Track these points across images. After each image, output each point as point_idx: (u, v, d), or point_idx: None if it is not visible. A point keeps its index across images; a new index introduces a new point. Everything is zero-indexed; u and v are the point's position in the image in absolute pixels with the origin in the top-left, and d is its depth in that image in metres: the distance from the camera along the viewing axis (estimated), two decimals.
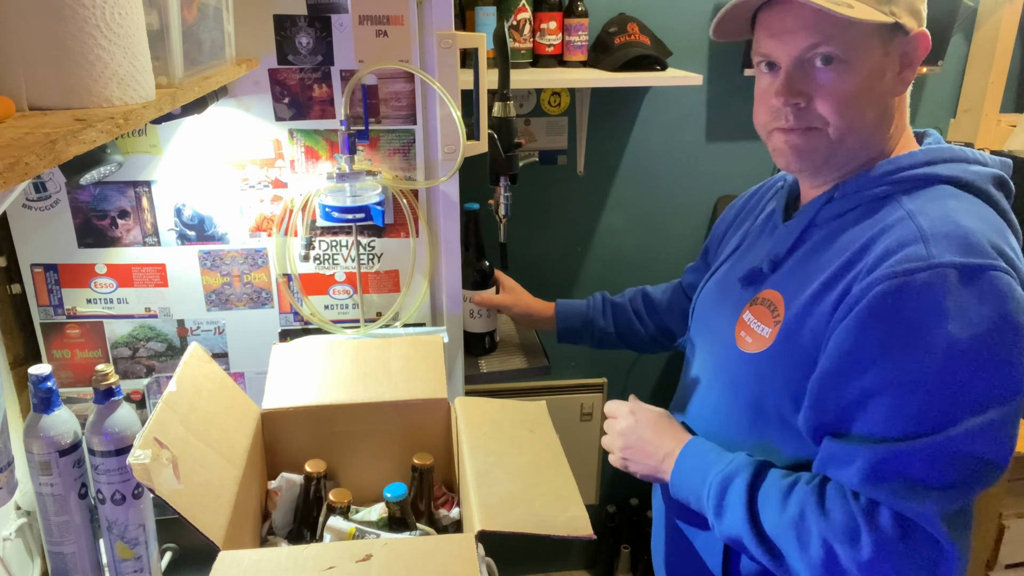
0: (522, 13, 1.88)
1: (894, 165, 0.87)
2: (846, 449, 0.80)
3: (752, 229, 1.08)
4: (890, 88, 0.87)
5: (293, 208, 1.36)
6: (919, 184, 0.85)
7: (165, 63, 0.84)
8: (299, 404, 1.17)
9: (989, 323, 0.74)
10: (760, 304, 0.94)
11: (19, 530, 1.12)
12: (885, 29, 0.84)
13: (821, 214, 0.91)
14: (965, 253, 0.76)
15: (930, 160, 0.87)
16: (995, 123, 2.34)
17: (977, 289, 0.74)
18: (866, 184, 0.88)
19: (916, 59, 0.87)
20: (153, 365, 1.41)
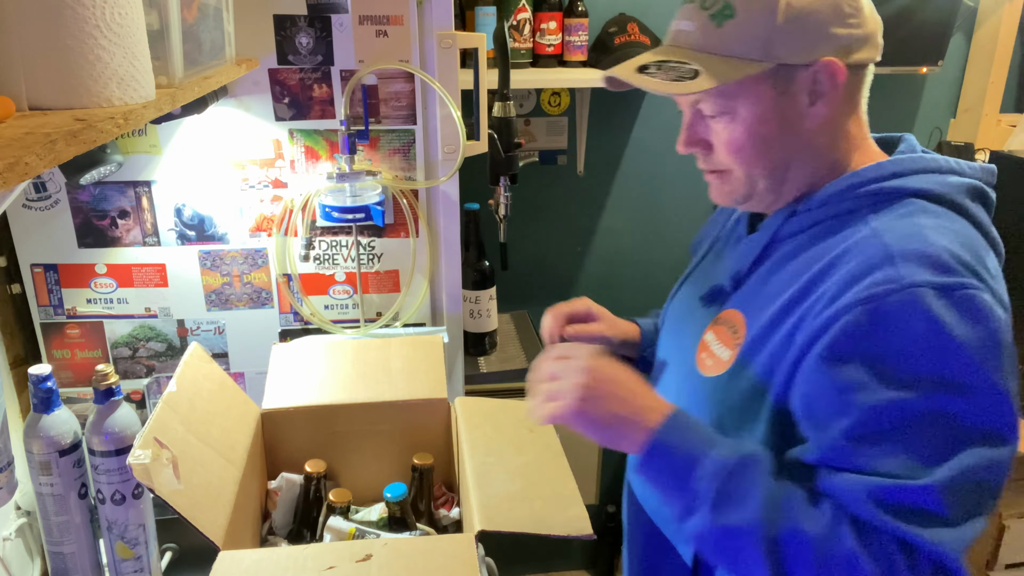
0: (522, 13, 1.88)
1: (859, 179, 0.81)
2: (845, 485, 0.73)
3: (721, 235, 1.02)
4: (800, 124, 0.81)
5: (293, 208, 1.36)
6: (887, 199, 0.80)
7: (165, 63, 0.84)
8: (299, 404, 1.17)
9: (977, 343, 0.69)
10: (722, 324, 0.88)
11: (19, 530, 1.12)
12: (770, 71, 0.78)
13: (784, 228, 0.85)
14: (938, 272, 0.71)
15: (898, 172, 0.81)
16: (995, 123, 2.34)
17: (957, 309, 0.69)
18: (830, 199, 0.82)
19: (829, 89, 0.79)
20: (153, 365, 1.41)
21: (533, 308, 2.10)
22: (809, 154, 0.83)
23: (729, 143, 0.82)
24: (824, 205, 0.82)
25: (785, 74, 0.79)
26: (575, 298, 1.10)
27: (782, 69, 0.78)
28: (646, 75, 0.82)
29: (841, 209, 0.81)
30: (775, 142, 0.81)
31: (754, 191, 0.85)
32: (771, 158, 0.82)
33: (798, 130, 0.81)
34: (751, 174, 0.84)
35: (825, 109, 0.80)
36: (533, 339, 1.87)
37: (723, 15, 0.79)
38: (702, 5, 0.80)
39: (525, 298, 2.13)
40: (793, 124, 0.81)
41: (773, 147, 0.82)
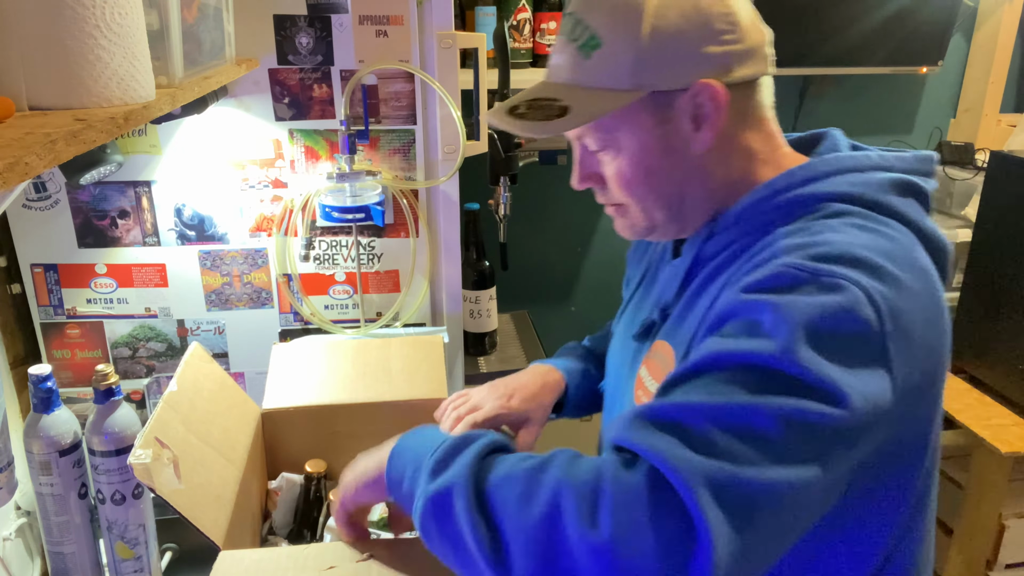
0: (522, 13, 1.88)
1: (769, 190, 0.76)
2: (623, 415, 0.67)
3: (652, 262, 0.97)
4: (688, 150, 0.76)
5: (293, 208, 1.36)
6: (801, 207, 0.74)
7: (165, 63, 0.84)
8: (299, 404, 1.17)
9: (818, 317, 0.61)
10: (653, 358, 0.83)
11: (19, 530, 1.12)
12: (647, 100, 0.73)
13: (704, 251, 0.80)
14: (819, 261, 0.65)
15: (811, 177, 0.75)
16: (995, 123, 2.34)
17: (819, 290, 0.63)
18: (742, 215, 0.77)
19: (712, 112, 0.73)
20: (153, 365, 1.41)
21: (533, 308, 2.10)
22: (703, 180, 0.78)
23: (617, 177, 0.78)
24: (737, 223, 0.77)
25: (662, 101, 0.74)
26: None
27: (658, 96, 0.74)
28: (515, 117, 0.77)
29: (755, 224, 0.76)
30: (663, 172, 0.77)
31: (654, 223, 0.81)
32: (661, 189, 0.78)
33: (686, 157, 0.77)
34: (646, 207, 0.80)
35: (711, 133, 0.75)
36: (533, 339, 1.87)
37: (590, 45, 0.74)
38: (570, 37, 0.77)
39: (525, 298, 2.13)
40: (679, 152, 0.76)
41: (661, 178, 0.77)
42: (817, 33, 2.12)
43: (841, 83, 2.32)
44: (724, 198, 0.79)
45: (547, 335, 1.94)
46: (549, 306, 2.34)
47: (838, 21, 2.11)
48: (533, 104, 0.77)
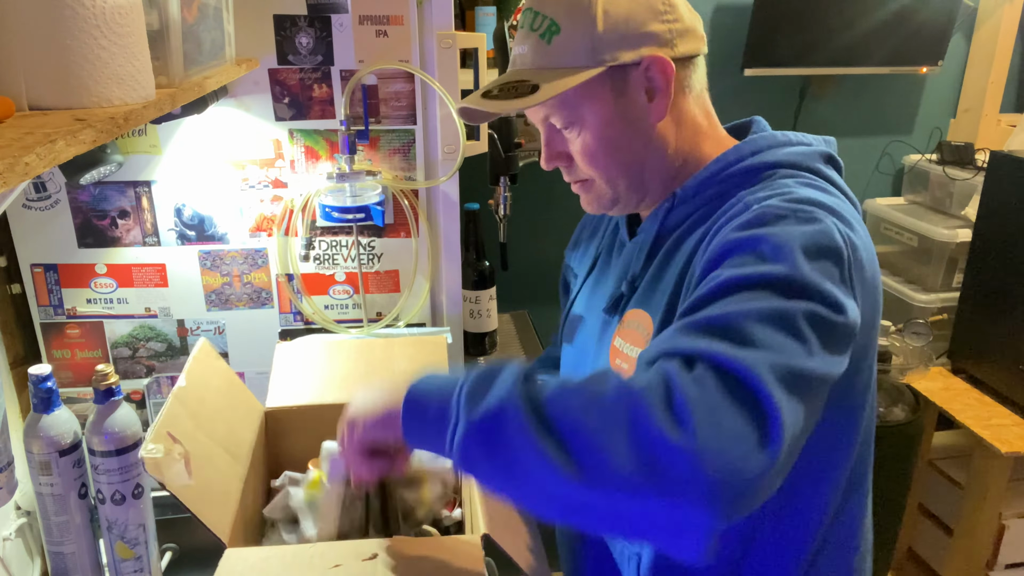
0: None
1: (723, 163, 0.86)
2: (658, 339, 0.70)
3: (602, 246, 1.03)
4: (644, 121, 0.85)
5: (293, 208, 1.36)
6: (754, 174, 0.84)
7: (165, 63, 0.84)
8: (303, 403, 1.17)
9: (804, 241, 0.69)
10: (628, 327, 0.89)
11: (19, 530, 1.12)
12: (608, 75, 0.82)
13: (666, 224, 0.88)
14: (793, 203, 0.74)
15: (757, 150, 0.86)
16: (995, 123, 2.34)
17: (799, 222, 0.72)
18: (701, 186, 0.86)
19: (662, 84, 0.83)
20: (153, 365, 1.41)
21: (533, 308, 2.10)
22: (660, 149, 0.87)
23: (583, 151, 0.86)
24: (697, 194, 0.86)
25: (619, 76, 0.83)
26: None
27: (615, 71, 0.82)
28: (490, 99, 0.85)
29: (715, 193, 0.85)
30: (625, 142, 0.85)
31: (618, 194, 0.89)
32: (625, 159, 0.86)
33: (644, 127, 0.85)
34: (610, 178, 0.87)
35: (664, 101, 0.84)
36: (533, 339, 1.87)
37: (550, 32, 0.83)
38: (531, 27, 0.85)
39: (525, 298, 2.13)
40: (638, 122, 0.85)
41: (624, 147, 0.86)
42: (817, 33, 2.12)
43: (841, 83, 2.32)
44: (678, 169, 0.88)
45: (547, 335, 1.94)
46: (549, 306, 2.33)
47: (838, 21, 2.11)
48: (505, 87, 0.84)
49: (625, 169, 0.87)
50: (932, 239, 2.11)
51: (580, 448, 0.61)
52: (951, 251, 2.09)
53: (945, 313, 2.08)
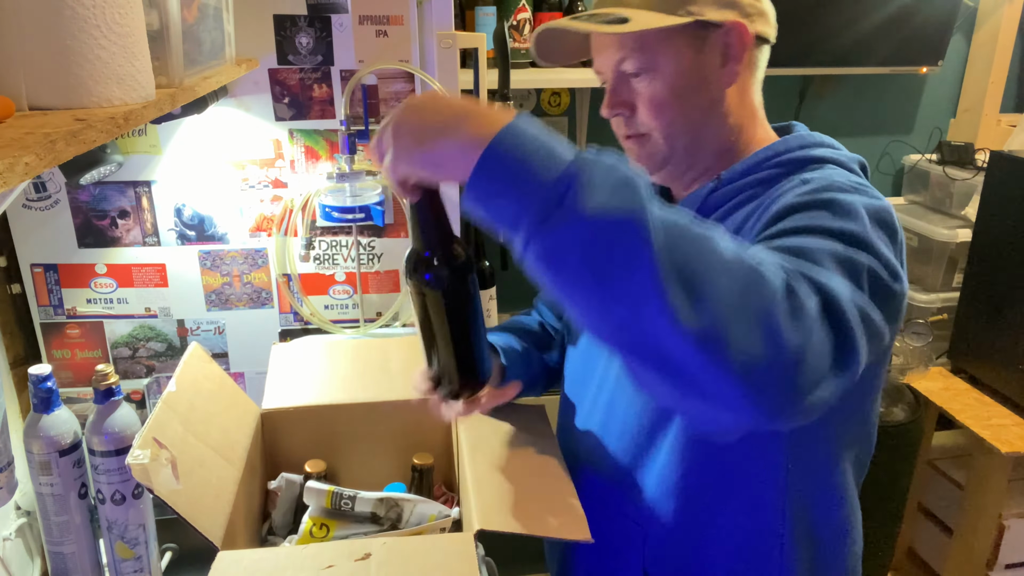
0: (522, 13, 1.88)
1: (773, 151, 0.88)
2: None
3: None
4: (715, 83, 0.87)
5: (293, 208, 1.36)
6: (803, 163, 0.86)
7: (165, 63, 0.84)
8: (299, 404, 1.17)
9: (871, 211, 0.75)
10: None
11: (19, 530, 1.12)
12: (691, 29, 0.84)
13: (708, 203, 0.89)
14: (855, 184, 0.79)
15: (804, 145, 0.88)
16: (995, 123, 2.34)
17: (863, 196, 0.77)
18: (751, 169, 0.87)
19: (739, 51, 0.85)
20: (153, 365, 1.41)
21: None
22: (722, 116, 0.88)
23: (652, 99, 0.86)
24: (746, 175, 0.87)
25: (701, 32, 0.85)
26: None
27: (698, 27, 0.84)
28: (577, 21, 0.85)
29: (762, 178, 0.86)
30: (693, 98, 0.86)
31: (673, 152, 0.89)
32: (689, 115, 0.87)
33: (713, 88, 0.87)
34: (671, 133, 0.87)
35: (736, 69, 0.86)
36: None
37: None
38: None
39: (525, 298, 2.12)
40: (709, 82, 0.86)
41: (691, 103, 0.87)
42: (817, 33, 2.12)
43: (841, 83, 2.32)
44: (731, 144, 0.90)
45: None
46: None
47: (838, 21, 2.11)
48: (594, 16, 0.85)
49: (687, 126, 0.88)
50: (932, 239, 2.11)
51: (706, 304, 0.55)
52: (951, 251, 2.09)
53: (945, 313, 2.08)
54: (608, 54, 0.88)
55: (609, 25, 0.82)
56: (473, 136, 0.60)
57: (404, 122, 0.65)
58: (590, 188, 0.56)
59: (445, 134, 0.62)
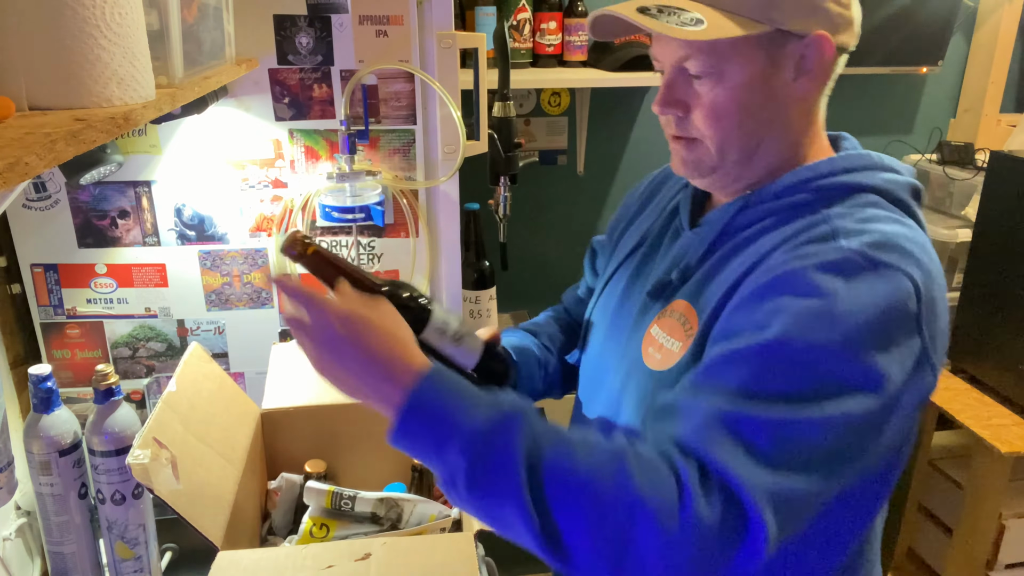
0: (522, 13, 1.88)
1: (813, 172, 0.81)
2: (690, 403, 0.70)
3: (653, 228, 0.98)
4: (782, 98, 0.80)
5: (293, 208, 1.36)
6: (840, 193, 0.80)
7: (165, 63, 0.84)
8: (299, 404, 1.17)
9: (876, 311, 0.69)
10: (670, 317, 0.85)
11: (19, 530, 1.12)
12: (768, 36, 0.77)
13: (735, 222, 0.84)
14: (878, 249, 0.72)
15: (849, 167, 0.82)
16: (995, 123, 2.34)
17: (878, 280, 0.71)
18: (784, 191, 0.82)
19: (816, 65, 0.79)
20: (153, 365, 1.41)
21: (533, 308, 2.10)
22: (782, 131, 0.82)
23: (712, 106, 0.80)
24: (778, 197, 0.82)
25: (778, 41, 0.78)
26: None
27: (776, 36, 0.77)
28: (647, 16, 0.78)
29: (795, 201, 0.81)
30: (756, 112, 0.80)
31: (723, 163, 0.83)
32: (747, 130, 0.81)
33: (778, 103, 0.80)
34: (725, 144, 0.81)
35: (808, 85, 0.80)
36: None
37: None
38: None
39: (525, 298, 2.13)
40: (776, 96, 0.80)
41: (752, 117, 0.80)
42: None
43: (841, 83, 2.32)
44: (785, 160, 0.84)
45: None
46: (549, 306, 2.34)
47: None
48: (664, 9, 0.78)
49: (744, 139, 0.81)
50: (932, 239, 2.11)
51: (569, 532, 0.65)
52: (951, 251, 2.09)
53: None
54: (671, 47, 0.81)
55: (683, 28, 0.75)
56: (393, 402, 0.71)
57: (337, 347, 0.72)
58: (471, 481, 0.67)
59: (375, 389, 0.73)
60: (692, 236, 0.88)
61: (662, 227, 0.96)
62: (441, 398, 0.70)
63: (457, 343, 0.82)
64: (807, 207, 0.80)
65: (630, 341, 0.90)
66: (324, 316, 0.71)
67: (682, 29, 0.75)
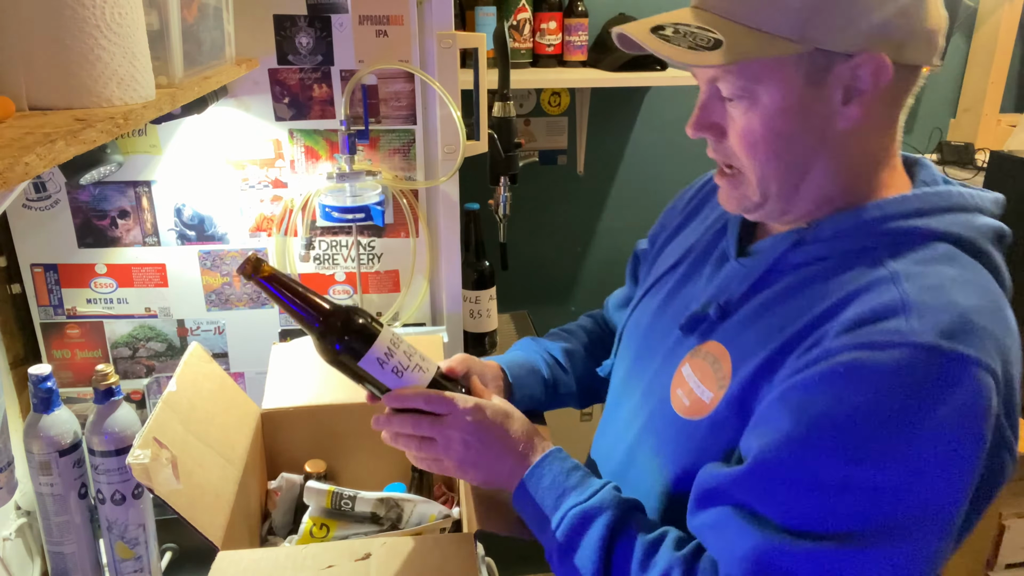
0: (522, 13, 1.88)
1: (881, 212, 0.71)
2: (738, 525, 0.66)
3: (697, 245, 0.89)
4: (829, 125, 0.70)
5: (293, 208, 1.36)
6: (909, 240, 0.70)
7: (165, 63, 0.84)
8: (299, 404, 1.17)
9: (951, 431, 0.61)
10: (702, 358, 0.77)
11: (19, 530, 1.12)
12: (804, 57, 0.67)
13: (786, 258, 0.74)
14: (952, 337, 0.62)
15: (924, 209, 0.71)
16: (995, 123, 2.34)
17: (950, 387, 0.61)
18: (845, 231, 0.72)
19: (867, 88, 0.67)
20: (153, 365, 1.41)
21: (533, 308, 2.10)
22: (831, 163, 0.72)
23: (743, 133, 0.71)
24: (836, 238, 0.72)
25: (821, 62, 0.67)
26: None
27: (817, 56, 0.67)
28: (659, 37, 0.70)
29: (856, 245, 0.71)
30: (793, 141, 0.70)
31: (766, 199, 0.74)
32: (787, 160, 0.71)
33: (823, 132, 0.70)
34: (764, 176, 0.72)
35: (859, 112, 0.69)
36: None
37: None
38: None
39: (525, 298, 2.13)
40: (819, 124, 0.70)
41: (791, 147, 0.71)
42: None
43: None
44: (839, 192, 0.73)
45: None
46: (549, 306, 2.34)
47: None
48: (680, 29, 0.70)
49: (784, 170, 0.72)
50: None
51: None
52: None
53: None
54: (703, 66, 0.71)
55: (696, 51, 0.67)
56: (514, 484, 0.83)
57: (469, 463, 0.82)
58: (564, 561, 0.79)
59: (501, 482, 0.85)
60: (737, 267, 0.80)
61: (706, 246, 0.88)
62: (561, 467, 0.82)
63: (398, 375, 0.82)
64: (869, 255, 0.70)
65: (658, 376, 0.84)
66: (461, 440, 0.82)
67: (693, 53, 0.67)
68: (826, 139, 0.71)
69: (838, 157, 0.72)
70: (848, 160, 0.72)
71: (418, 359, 0.84)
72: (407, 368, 0.82)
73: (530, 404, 1.03)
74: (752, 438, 0.69)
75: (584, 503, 0.77)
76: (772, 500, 0.65)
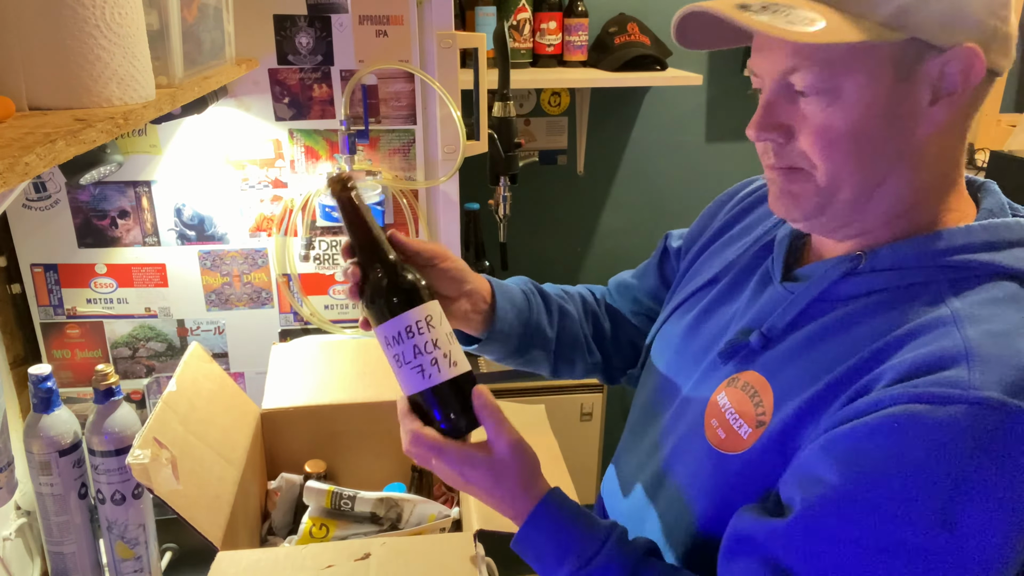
0: (522, 13, 1.88)
1: (945, 244, 0.65)
2: None
3: (739, 262, 0.83)
4: (913, 127, 0.64)
5: (293, 208, 1.36)
6: (972, 275, 0.64)
7: (165, 63, 0.84)
8: (299, 404, 1.17)
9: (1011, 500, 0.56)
10: (741, 389, 0.72)
11: (19, 530, 1.12)
12: (899, 47, 0.61)
13: (837, 289, 0.69)
14: (1019, 394, 0.56)
15: (992, 242, 0.65)
16: (995, 123, 2.34)
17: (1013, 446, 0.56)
18: (905, 260, 0.66)
19: (960, 87, 0.62)
20: (153, 365, 1.41)
21: None
22: (910, 171, 0.66)
23: (821, 131, 0.65)
24: (894, 270, 0.67)
25: (912, 56, 0.62)
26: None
27: (910, 48, 0.62)
28: (748, 14, 0.63)
29: (914, 278, 0.66)
30: (879, 142, 0.64)
31: (831, 203, 0.67)
32: (868, 164, 0.65)
33: (907, 137, 0.65)
34: (837, 178, 0.66)
35: (945, 114, 0.64)
36: None
37: None
38: None
39: None
40: (903, 127, 0.64)
41: (874, 149, 0.65)
42: None
43: None
44: (907, 208, 0.68)
45: None
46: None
47: None
48: (769, 6, 0.63)
49: (861, 176, 0.66)
50: None
51: None
52: None
53: None
54: (775, 57, 0.65)
55: (792, 27, 0.60)
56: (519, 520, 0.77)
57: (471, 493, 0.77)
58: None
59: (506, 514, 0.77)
60: (782, 293, 0.74)
61: (749, 264, 0.82)
62: (568, 513, 0.75)
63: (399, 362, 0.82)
64: (928, 290, 0.65)
65: (691, 400, 0.79)
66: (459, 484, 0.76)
67: (792, 29, 0.60)
68: (909, 145, 0.65)
69: (916, 168, 0.66)
70: (924, 173, 0.67)
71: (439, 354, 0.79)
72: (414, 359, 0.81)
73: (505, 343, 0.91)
74: (794, 487, 0.63)
75: (588, 558, 0.71)
76: (815, 561, 0.60)
